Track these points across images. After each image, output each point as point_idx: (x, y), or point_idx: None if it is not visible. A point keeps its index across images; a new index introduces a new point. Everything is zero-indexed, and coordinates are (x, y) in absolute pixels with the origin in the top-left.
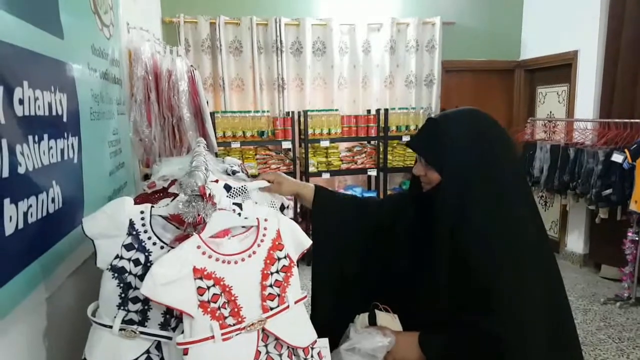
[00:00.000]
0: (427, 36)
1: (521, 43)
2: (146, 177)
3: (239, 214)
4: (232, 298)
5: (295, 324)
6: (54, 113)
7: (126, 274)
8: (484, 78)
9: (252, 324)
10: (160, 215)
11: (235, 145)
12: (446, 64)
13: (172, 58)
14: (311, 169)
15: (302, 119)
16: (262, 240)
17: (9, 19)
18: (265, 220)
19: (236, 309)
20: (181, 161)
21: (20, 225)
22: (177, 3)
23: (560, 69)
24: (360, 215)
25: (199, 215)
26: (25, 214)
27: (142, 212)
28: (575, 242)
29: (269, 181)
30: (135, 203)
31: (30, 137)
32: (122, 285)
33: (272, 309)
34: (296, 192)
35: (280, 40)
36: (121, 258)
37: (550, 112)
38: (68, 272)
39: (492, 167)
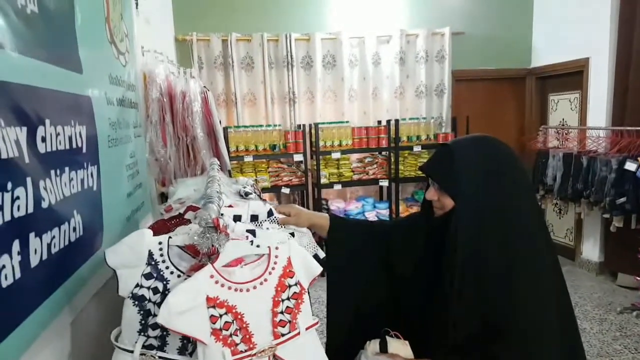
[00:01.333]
0: (436, 47)
1: (532, 50)
2: (162, 195)
3: (252, 242)
4: (244, 325)
5: (307, 350)
6: (74, 146)
7: (146, 302)
8: (495, 86)
9: (263, 350)
10: (177, 246)
11: (248, 159)
12: (456, 73)
13: (186, 79)
14: (323, 180)
15: (313, 132)
16: (273, 268)
17: (30, 63)
18: (277, 248)
19: (248, 336)
20: (196, 182)
21: (45, 257)
22: (189, 22)
23: (571, 76)
24: (375, 243)
25: (212, 246)
26: (49, 245)
27: (160, 243)
28: (591, 250)
29: (285, 214)
30: (153, 229)
31: (52, 172)
32: (142, 312)
33: (283, 335)
34: (313, 222)
35: (291, 55)
36: (141, 287)
37: (563, 120)
38: (89, 295)
39: (507, 195)
